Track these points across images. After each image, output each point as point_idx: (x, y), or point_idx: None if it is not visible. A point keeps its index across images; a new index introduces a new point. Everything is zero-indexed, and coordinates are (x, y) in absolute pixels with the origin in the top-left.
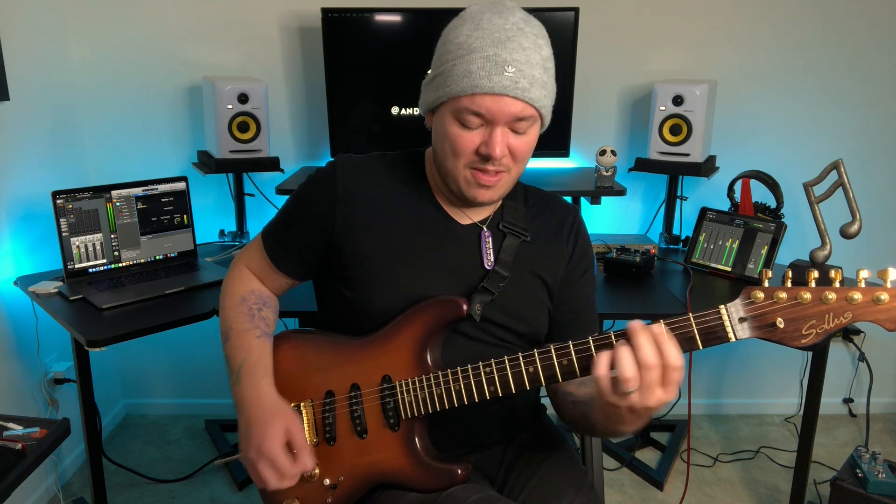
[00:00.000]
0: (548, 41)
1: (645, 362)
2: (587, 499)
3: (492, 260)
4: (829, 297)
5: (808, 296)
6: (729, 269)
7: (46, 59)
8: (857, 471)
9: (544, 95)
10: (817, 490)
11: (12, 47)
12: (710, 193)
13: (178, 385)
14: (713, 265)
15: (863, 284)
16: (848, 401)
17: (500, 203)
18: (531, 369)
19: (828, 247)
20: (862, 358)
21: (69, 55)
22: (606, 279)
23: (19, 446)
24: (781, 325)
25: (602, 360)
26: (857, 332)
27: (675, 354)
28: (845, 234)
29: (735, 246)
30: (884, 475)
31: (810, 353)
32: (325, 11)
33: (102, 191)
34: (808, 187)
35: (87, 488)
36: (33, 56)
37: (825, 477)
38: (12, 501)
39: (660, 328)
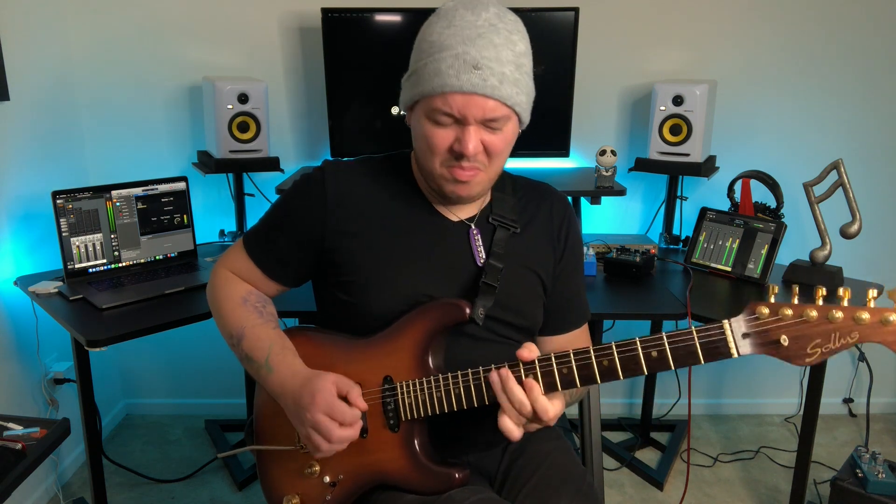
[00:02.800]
0: (523, 36)
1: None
2: (587, 499)
3: (483, 256)
4: (836, 315)
5: (814, 313)
6: (729, 269)
7: (46, 59)
8: (857, 471)
9: (516, 92)
10: (817, 490)
11: (12, 47)
12: (710, 193)
13: (178, 385)
14: (713, 265)
15: (872, 304)
16: (848, 401)
17: (489, 197)
18: (530, 377)
19: (828, 247)
20: (862, 358)
21: (69, 55)
22: (606, 279)
23: (19, 446)
24: (786, 343)
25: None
26: None
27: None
28: (845, 234)
29: (735, 246)
30: (884, 475)
31: None
32: (325, 11)
33: (102, 191)
34: (808, 187)
35: (87, 488)
36: (33, 56)
37: (825, 477)
38: (12, 501)
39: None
